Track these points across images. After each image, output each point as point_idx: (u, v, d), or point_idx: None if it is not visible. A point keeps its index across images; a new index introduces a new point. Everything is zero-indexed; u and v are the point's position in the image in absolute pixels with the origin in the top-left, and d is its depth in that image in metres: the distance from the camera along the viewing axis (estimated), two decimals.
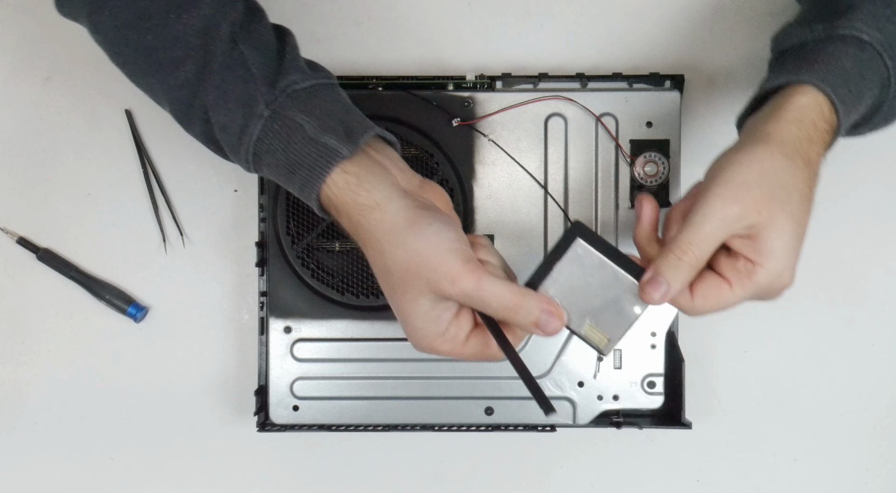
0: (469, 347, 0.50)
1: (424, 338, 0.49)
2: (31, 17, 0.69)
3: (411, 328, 0.49)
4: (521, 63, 0.68)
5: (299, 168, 0.49)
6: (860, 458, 0.69)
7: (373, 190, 0.49)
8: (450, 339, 0.49)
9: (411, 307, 0.49)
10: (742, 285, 0.49)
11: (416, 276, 0.48)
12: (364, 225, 0.49)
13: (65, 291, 0.69)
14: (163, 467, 0.69)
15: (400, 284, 0.48)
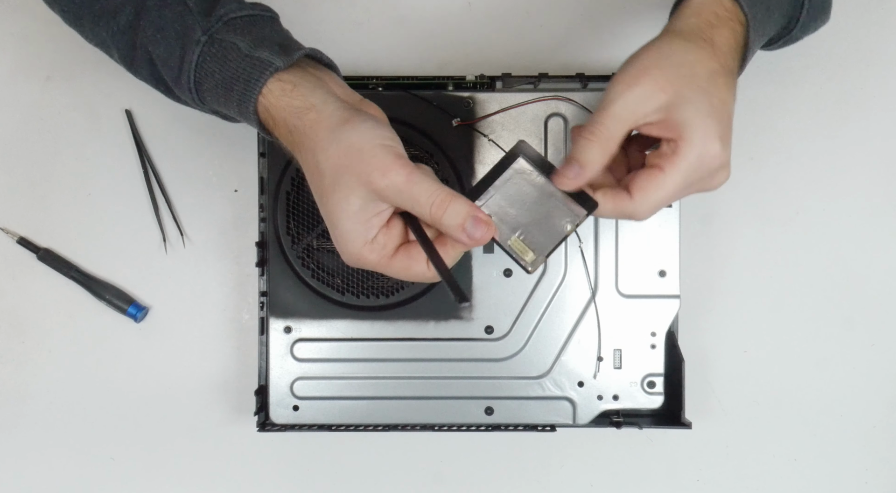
0: (397, 261, 0.49)
1: (353, 243, 0.48)
2: (31, 17, 0.69)
3: (340, 232, 0.49)
4: (521, 63, 0.68)
5: (236, 83, 0.50)
6: (860, 458, 0.69)
7: (308, 94, 0.49)
8: (378, 248, 0.49)
9: (341, 207, 0.48)
10: (672, 166, 0.49)
11: (347, 170, 0.47)
12: (299, 127, 0.49)
13: (65, 291, 0.69)
14: (163, 467, 0.69)
15: (331, 182, 0.48)
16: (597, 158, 0.49)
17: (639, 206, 0.50)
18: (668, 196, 0.50)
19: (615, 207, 0.50)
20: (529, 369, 0.64)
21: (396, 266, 0.50)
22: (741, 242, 0.69)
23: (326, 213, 0.49)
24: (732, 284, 0.68)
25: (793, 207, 0.69)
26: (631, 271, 0.64)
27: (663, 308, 0.64)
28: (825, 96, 0.68)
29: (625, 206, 0.50)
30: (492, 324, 0.64)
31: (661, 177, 0.49)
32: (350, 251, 0.49)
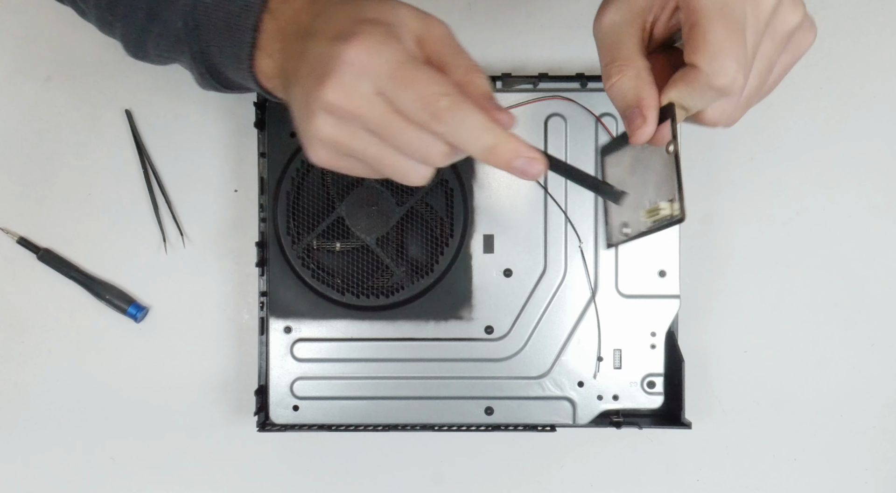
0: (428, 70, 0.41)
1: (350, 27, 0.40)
2: (31, 17, 0.69)
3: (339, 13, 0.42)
4: (521, 63, 0.68)
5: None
6: (860, 458, 0.69)
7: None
8: (395, 44, 0.40)
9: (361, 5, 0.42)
10: (701, 12, 0.42)
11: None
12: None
13: (65, 291, 0.69)
14: (163, 467, 0.69)
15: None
16: (634, 83, 0.44)
17: (709, 110, 0.44)
18: (729, 37, 0.42)
19: (691, 87, 0.43)
20: (529, 369, 0.64)
21: (433, 73, 0.40)
22: (741, 242, 0.69)
23: (321, 19, 0.42)
24: (732, 284, 0.69)
25: (793, 208, 0.69)
26: (631, 271, 0.64)
27: (663, 308, 0.64)
28: (825, 96, 0.68)
29: (698, 77, 0.43)
30: (492, 324, 0.64)
31: (702, 25, 0.42)
32: (336, 24, 0.41)
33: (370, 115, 0.40)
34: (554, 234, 0.64)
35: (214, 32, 0.49)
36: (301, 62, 0.42)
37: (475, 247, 0.64)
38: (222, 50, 0.49)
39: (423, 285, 0.63)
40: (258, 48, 0.47)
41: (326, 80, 0.40)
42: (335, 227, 0.63)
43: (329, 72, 0.40)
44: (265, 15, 0.46)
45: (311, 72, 0.41)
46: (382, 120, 0.40)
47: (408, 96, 0.40)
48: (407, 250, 0.64)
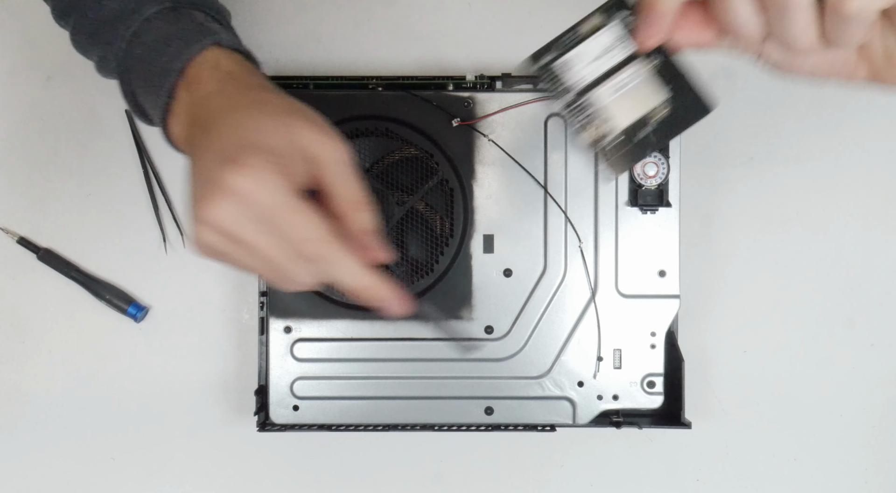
0: (298, 206, 0.42)
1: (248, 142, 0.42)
2: (31, 17, 0.69)
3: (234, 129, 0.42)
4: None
5: (176, 40, 0.48)
6: (860, 458, 0.69)
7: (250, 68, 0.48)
8: (277, 170, 0.41)
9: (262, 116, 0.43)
10: None
11: (292, 109, 0.44)
12: (228, 87, 0.46)
13: (65, 291, 0.69)
14: (163, 467, 0.69)
15: (271, 108, 0.44)
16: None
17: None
18: None
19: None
20: (529, 369, 0.64)
21: (313, 217, 0.42)
22: (741, 242, 0.69)
23: (220, 121, 0.43)
24: (732, 284, 0.69)
25: (793, 208, 0.69)
26: (631, 271, 0.64)
27: (663, 308, 0.64)
28: (825, 96, 0.68)
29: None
30: (492, 324, 0.64)
31: None
32: (228, 145, 0.41)
33: (248, 237, 0.42)
34: (554, 234, 0.64)
35: (141, 83, 0.50)
36: (196, 162, 0.43)
37: (475, 247, 0.64)
38: (147, 100, 0.50)
39: (423, 285, 0.63)
40: (172, 113, 0.48)
41: (210, 199, 0.41)
42: None
43: (211, 192, 0.41)
44: (181, 83, 0.47)
45: (199, 181, 0.42)
46: (259, 243, 0.42)
47: (281, 235, 0.42)
48: (407, 250, 0.64)
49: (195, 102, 0.46)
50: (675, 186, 0.63)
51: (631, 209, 0.63)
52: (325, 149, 0.43)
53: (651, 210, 0.63)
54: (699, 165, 0.68)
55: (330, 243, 0.42)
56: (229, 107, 0.44)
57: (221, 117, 0.44)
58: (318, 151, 0.43)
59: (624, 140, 0.43)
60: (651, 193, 0.63)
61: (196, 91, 0.47)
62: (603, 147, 0.42)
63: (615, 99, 0.42)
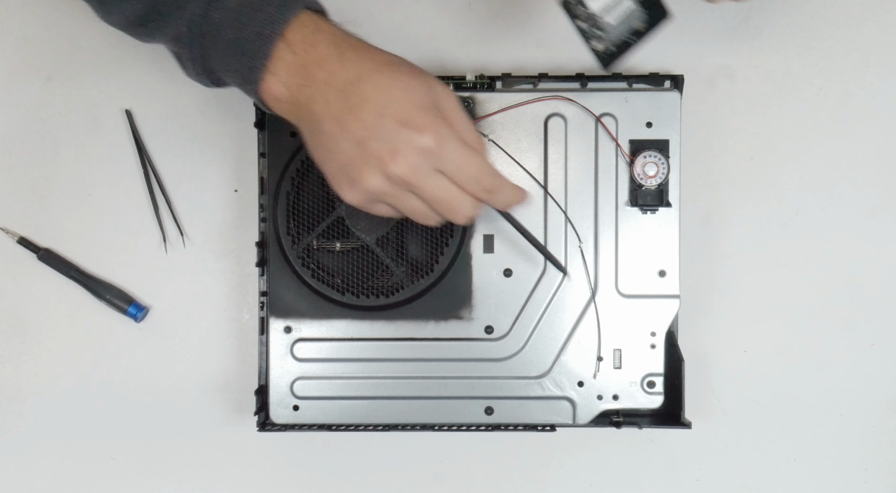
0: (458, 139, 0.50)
1: (407, 101, 0.49)
2: (31, 17, 0.69)
3: (389, 88, 0.49)
4: (521, 63, 0.68)
5: (268, 4, 0.49)
6: (860, 458, 0.69)
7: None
8: (434, 113, 0.49)
9: (399, 78, 0.49)
10: None
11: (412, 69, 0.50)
12: (347, 41, 0.50)
13: (65, 291, 0.69)
14: (163, 467, 0.69)
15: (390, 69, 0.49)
16: None
17: None
18: None
19: None
20: (529, 369, 0.64)
21: (455, 138, 0.49)
22: (741, 242, 0.69)
23: (367, 84, 0.49)
24: (732, 284, 0.69)
25: (793, 207, 0.69)
26: (631, 271, 0.64)
27: (663, 308, 0.64)
28: (825, 96, 0.68)
29: None
30: (492, 324, 0.64)
31: None
32: (400, 108, 0.48)
33: (429, 187, 0.50)
34: (554, 234, 0.64)
35: (222, 46, 0.50)
36: (355, 123, 0.49)
37: (475, 247, 0.64)
38: (226, 63, 0.51)
39: (423, 285, 0.63)
40: (269, 72, 0.50)
41: (398, 157, 0.48)
42: (335, 227, 0.63)
43: (400, 150, 0.48)
44: (280, 43, 0.49)
45: (377, 140, 0.48)
46: (437, 191, 0.50)
47: (466, 175, 0.50)
48: (407, 250, 0.64)
49: (307, 63, 0.49)
50: (675, 186, 0.63)
51: (631, 209, 0.63)
52: (448, 98, 0.50)
53: (651, 210, 0.63)
54: (699, 165, 0.68)
55: (498, 174, 0.52)
56: (364, 70, 0.49)
57: (362, 81, 0.49)
58: (445, 102, 0.50)
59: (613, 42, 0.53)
60: (651, 193, 0.63)
61: (306, 53, 0.49)
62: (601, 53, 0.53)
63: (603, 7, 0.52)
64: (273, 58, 0.49)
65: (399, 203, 0.51)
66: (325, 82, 0.49)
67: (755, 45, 0.68)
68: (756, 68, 0.68)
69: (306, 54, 0.49)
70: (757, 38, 0.68)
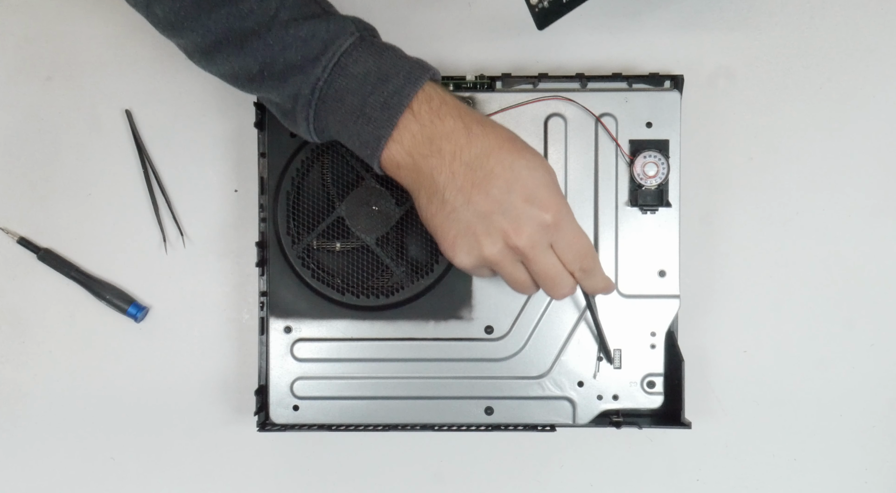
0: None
1: (555, 193, 0.53)
2: (31, 17, 0.69)
3: (536, 185, 0.52)
4: (521, 63, 0.68)
5: (394, 76, 0.51)
6: (860, 458, 0.69)
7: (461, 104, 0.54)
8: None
9: (532, 165, 0.53)
10: None
11: (532, 159, 0.53)
12: (472, 115, 0.53)
13: (65, 291, 0.69)
14: (163, 467, 0.69)
15: (516, 155, 0.53)
16: None
17: None
18: None
19: None
20: (529, 369, 0.64)
21: (572, 218, 0.54)
22: (741, 242, 0.69)
23: (494, 161, 0.52)
24: (732, 284, 0.69)
25: (792, 207, 0.69)
26: (631, 271, 0.64)
27: (663, 308, 0.64)
28: (825, 96, 0.68)
29: None
30: (492, 324, 0.64)
31: None
32: (525, 186, 0.52)
33: (541, 261, 0.54)
34: None
35: (344, 112, 0.52)
36: (481, 196, 0.52)
37: None
38: (347, 128, 0.53)
39: (423, 285, 0.63)
40: (394, 141, 0.52)
41: (521, 231, 0.52)
42: (335, 227, 0.63)
43: (523, 225, 0.52)
44: (407, 114, 0.51)
45: (502, 214, 0.52)
46: (547, 266, 0.54)
47: (573, 254, 0.54)
48: (407, 250, 0.64)
49: (434, 136, 0.52)
50: (675, 186, 0.63)
51: (631, 209, 0.63)
52: (555, 177, 0.55)
53: (651, 210, 0.63)
54: (699, 165, 0.68)
55: (597, 258, 0.56)
56: (491, 146, 0.52)
57: (489, 157, 0.52)
58: (555, 181, 0.54)
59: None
60: (651, 193, 0.63)
61: (433, 125, 0.52)
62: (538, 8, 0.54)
63: None
64: (399, 128, 0.51)
65: (507, 272, 0.55)
66: (451, 154, 0.52)
67: (755, 45, 0.68)
68: (756, 68, 0.68)
69: (433, 126, 0.52)
70: (757, 38, 0.68)
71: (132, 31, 0.68)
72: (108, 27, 0.68)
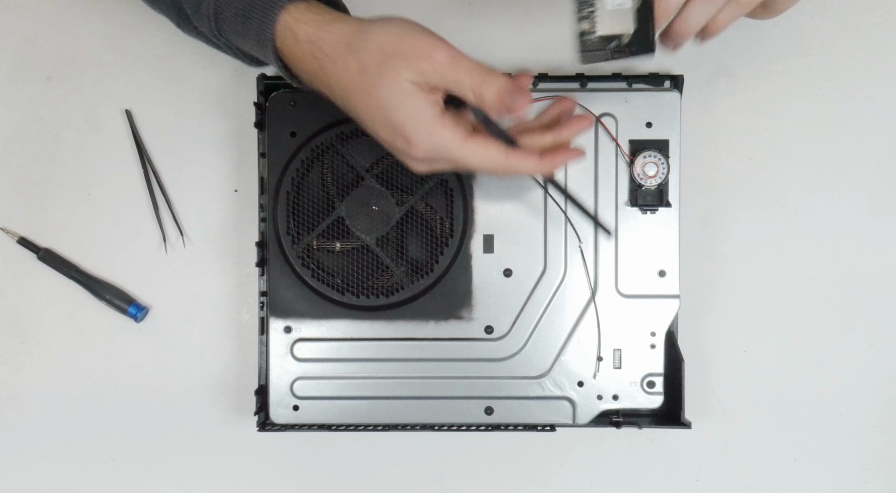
0: (474, 141, 0.50)
1: (422, 122, 0.49)
2: (31, 17, 0.69)
3: (402, 118, 0.49)
4: (521, 63, 0.68)
5: (254, 10, 0.50)
6: (860, 458, 0.69)
7: (333, 12, 0.51)
8: (450, 124, 0.49)
9: (395, 90, 0.48)
10: None
11: (392, 56, 0.48)
12: (325, 38, 0.49)
13: (65, 291, 0.69)
14: (163, 467, 0.69)
15: (377, 72, 0.48)
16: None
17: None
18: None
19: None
20: (529, 369, 0.64)
21: (473, 146, 0.50)
22: (741, 242, 0.69)
23: (378, 107, 0.49)
24: (732, 284, 0.69)
25: (793, 207, 0.69)
26: (631, 271, 0.64)
27: (663, 308, 0.64)
28: (825, 96, 0.68)
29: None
30: (492, 324, 0.64)
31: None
32: (421, 132, 0.49)
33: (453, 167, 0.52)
34: (554, 234, 0.64)
35: (239, 21, 0.52)
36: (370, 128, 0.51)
37: (475, 247, 0.64)
38: (247, 47, 0.53)
39: (423, 285, 0.63)
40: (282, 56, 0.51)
41: (408, 163, 0.52)
42: (335, 227, 0.63)
43: (405, 159, 0.52)
44: (278, 42, 0.50)
45: (392, 133, 0.50)
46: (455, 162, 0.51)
47: (474, 165, 0.51)
48: (407, 250, 0.64)
49: (300, 53, 0.50)
50: (675, 186, 0.63)
51: (631, 209, 0.63)
52: (426, 68, 0.49)
53: (651, 210, 0.63)
54: (699, 165, 0.68)
55: (506, 163, 0.51)
56: (343, 88, 0.50)
57: (349, 97, 0.50)
58: (424, 71, 0.48)
59: (599, 42, 0.53)
60: (651, 193, 0.63)
61: (294, 61, 0.51)
62: (585, 40, 0.53)
63: (611, 11, 0.53)
64: (279, 49, 0.51)
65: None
66: (322, 83, 0.51)
67: (755, 45, 0.68)
68: (756, 68, 0.68)
69: (295, 64, 0.51)
70: (757, 38, 0.68)
71: (132, 31, 0.68)
72: (108, 27, 0.68)
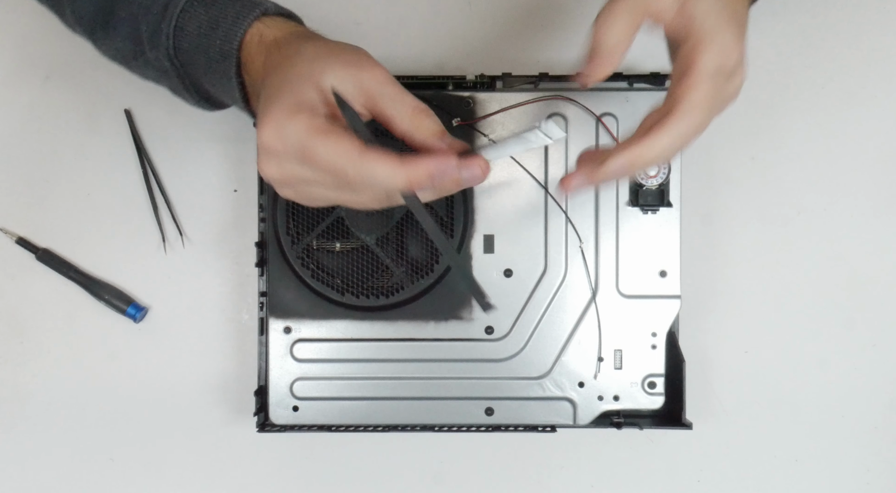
0: (328, 134, 0.44)
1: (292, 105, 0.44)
2: (30, 17, 0.69)
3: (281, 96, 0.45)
4: (521, 63, 0.68)
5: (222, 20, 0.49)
6: (861, 459, 0.69)
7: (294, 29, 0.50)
8: (314, 117, 0.44)
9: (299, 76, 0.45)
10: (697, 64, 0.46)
11: (334, 57, 0.46)
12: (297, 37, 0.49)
13: (64, 291, 0.68)
14: (163, 467, 0.69)
15: (305, 60, 0.46)
16: (616, 36, 0.47)
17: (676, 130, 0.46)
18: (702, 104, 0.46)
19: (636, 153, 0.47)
20: (530, 370, 0.64)
21: (326, 139, 0.43)
22: (742, 242, 0.68)
23: (273, 85, 0.46)
24: (733, 284, 0.68)
25: (794, 207, 0.69)
26: (631, 272, 0.63)
27: (664, 308, 0.64)
28: (825, 96, 0.68)
29: (654, 143, 0.47)
30: (492, 324, 0.64)
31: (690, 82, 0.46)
32: (281, 111, 0.44)
33: (297, 177, 0.45)
34: (554, 234, 0.64)
35: (201, 74, 0.52)
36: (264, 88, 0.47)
37: (475, 247, 0.64)
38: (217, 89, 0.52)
39: (423, 285, 0.63)
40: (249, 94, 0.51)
41: (258, 157, 0.46)
42: (335, 227, 0.63)
43: (258, 151, 0.46)
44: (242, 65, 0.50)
45: (261, 111, 0.46)
46: (307, 178, 0.45)
47: (318, 172, 0.44)
48: (407, 250, 0.64)
49: (253, 81, 0.49)
50: (676, 185, 0.63)
51: (632, 209, 0.63)
52: (364, 74, 0.45)
53: (652, 210, 0.63)
54: (700, 164, 0.68)
55: (356, 163, 0.43)
56: (265, 74, 0.47)
57: (262, 85, 0.47)
58: (360, 79, 0.45)
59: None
60: (652, 192, 0.63)
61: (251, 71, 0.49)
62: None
63: None
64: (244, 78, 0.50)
65: (307, 196, 0.48)
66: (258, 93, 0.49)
67: (755, 45, 0.68)
68: (756, 69, 0.68)
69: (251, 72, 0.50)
70: (757, 38, 0.68)
71: None
72: None
